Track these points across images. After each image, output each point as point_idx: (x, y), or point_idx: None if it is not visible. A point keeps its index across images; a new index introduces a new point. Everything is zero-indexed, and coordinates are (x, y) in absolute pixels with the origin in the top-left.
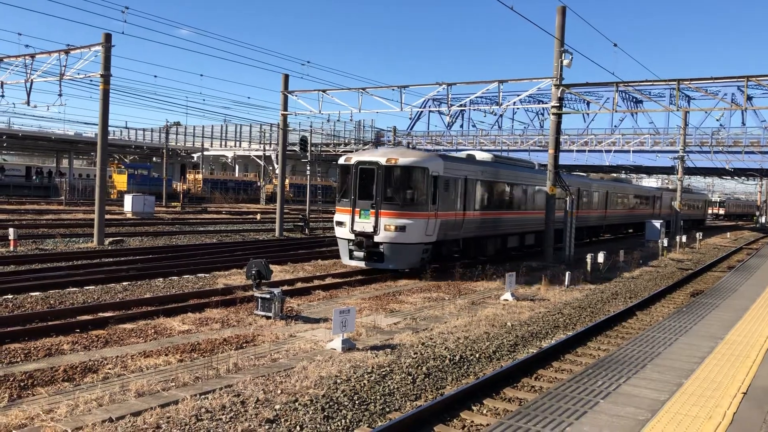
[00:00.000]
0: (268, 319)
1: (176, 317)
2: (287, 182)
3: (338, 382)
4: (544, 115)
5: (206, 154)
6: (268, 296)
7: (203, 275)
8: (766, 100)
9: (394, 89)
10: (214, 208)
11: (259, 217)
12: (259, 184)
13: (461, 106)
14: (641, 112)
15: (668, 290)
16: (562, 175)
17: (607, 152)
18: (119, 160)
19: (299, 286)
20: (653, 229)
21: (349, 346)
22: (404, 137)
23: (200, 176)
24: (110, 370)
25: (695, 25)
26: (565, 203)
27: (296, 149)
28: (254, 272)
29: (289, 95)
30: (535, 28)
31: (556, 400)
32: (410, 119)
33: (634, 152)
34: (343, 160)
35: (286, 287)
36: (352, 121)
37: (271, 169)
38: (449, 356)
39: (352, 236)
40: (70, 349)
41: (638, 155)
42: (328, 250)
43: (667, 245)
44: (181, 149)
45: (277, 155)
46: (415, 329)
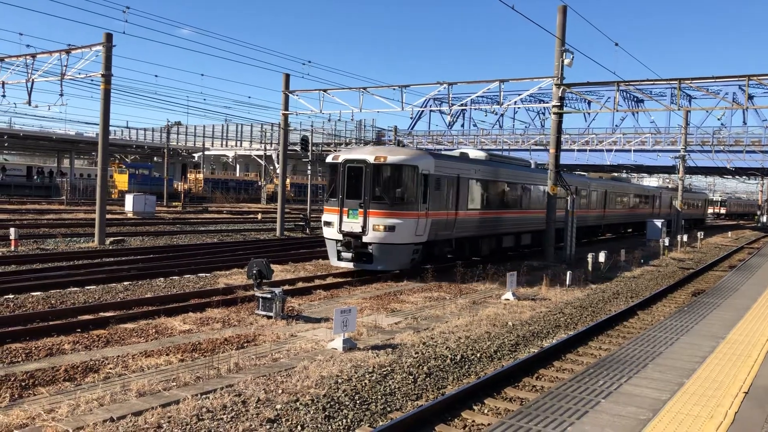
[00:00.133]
0: (269, 318)
1: (177, 317)
2: (288, 182)
3: (339, 381)
4: (545, 114)
5: (207, 153)
6: (269, 296)
7: (204, 275)
8: (767, 99)
9: (395, 89)
10: (215, 207)
11: (260, 216)
12: (260, 183)
13: (462, 105)
14: (642, 111)
15: (669, 289)
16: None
17: (608, 151)
18: (120, 159)
19: (300, 285)
20: (654, 228)
21: (350, 345)
22: (405, 137)
23: (201, 176)
24: (111, 369)
25: (696, 24)
26: (566, 203)
27: (297, 149)
28: (255, 272)
29: (290, 95)
30: (536, 27)
31: (557, 399)
32: (411, 119)
33: (635, 152)
34: (330, 158)
35: (287, 287)
36: (353, 120)
37: (272, 168)
38: (450, 356)
39: (340, 237)
40: (71, 348)
41: (639, 154)
42: None
43: (668, 244)
44: (182, 149)
45: (278, 155)
46: (416, 329)
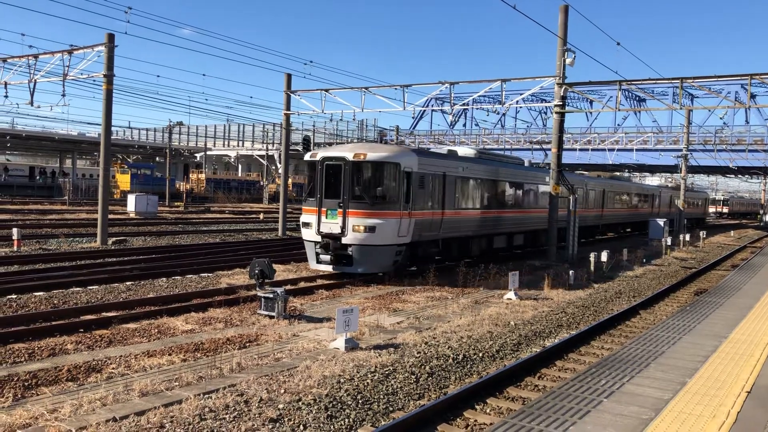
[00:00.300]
0: (271, 318)
1: (179, 317)
2: (290, 182)
3: (341, 381)
4: (547, 113)
5: (209, 153)
6: (271, 296)
7: (206, 275)
8: None
9: (396, 88)
10: (217, 207)
11: (262, 216)
12: (261, 183)
13: (464, 105)
14: (644, 110)
15: (672, 289)
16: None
17: (610, 151)
18: (122, 160)
19: (302, 285)
20: (657, 227)
21: (352, 345)
22: (407, 136)
23: (203, 176)
24: (114, 369)
25: (698, 23)
26: (568, 202)
27: (299, 149)
28: (257, 272)
29: (291, 95)
30: (537, 26)
31: (559, 399)
32: (413, 118)
33: (637, 151)
34: (308, 156)
35: (289, 287)
36: (354, 120)
37: (273, 168)
38: (452, 355)
39: (318, 238)
40: (73, 348)
41: (641, 154)
42: None
43: (670, 244)
44: (184, 149)
45: (279, 155)
46: (418, 328)
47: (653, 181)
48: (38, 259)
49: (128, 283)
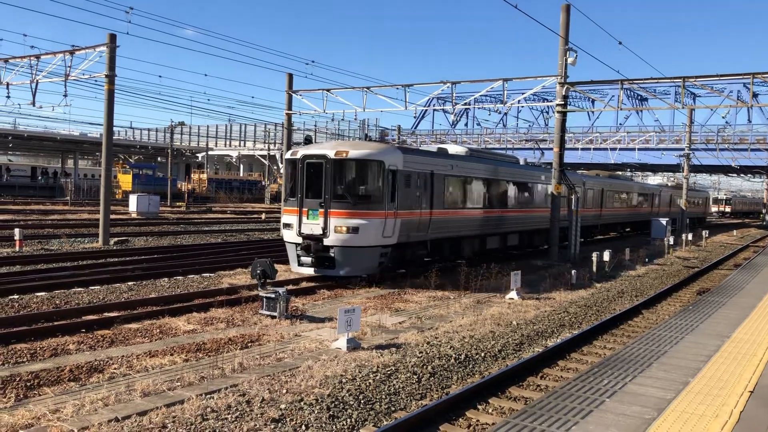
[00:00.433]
0: (273, 318)
1: (181, 317)
2: None
3: (343, 381)
4: (548, 113)
5: (211, 153)
6: (273, 296)
7: (208, 275)
8: None
9: (398, 88)
10: (218, 207)
11: (263, 216)
12: (263, 183)
13: (466, 104)
14: (646, 109)
15: (674, 288)
16: (551, 171)
17: (612, 150)
18: (124, 160)
19: (304, 285)
20: (659, 226)
21: (354, 345)
22: (409, 136)
23: (205, 176)
24: (116, 369)
25: (700, 22)
26: (570, 202)
27: None
28: (259, 272)
29: (293, 95)
30: (539, 26)
31: (562, 399)
32: (415, 118)
33: (639, 150)
34: (289, 154)
35: (290, 287)
36: (356, 120)
37: (275, 168)
38: (454, 355)
39: (299, 240)
40: (75, 349)
41: (643, 153)
42: None
43: (672, 243)
44: (185, 149)
45: (281, 155)
46: (420, 328)
47: (655, 180)
48: (40, 259)
49: (130, 283)
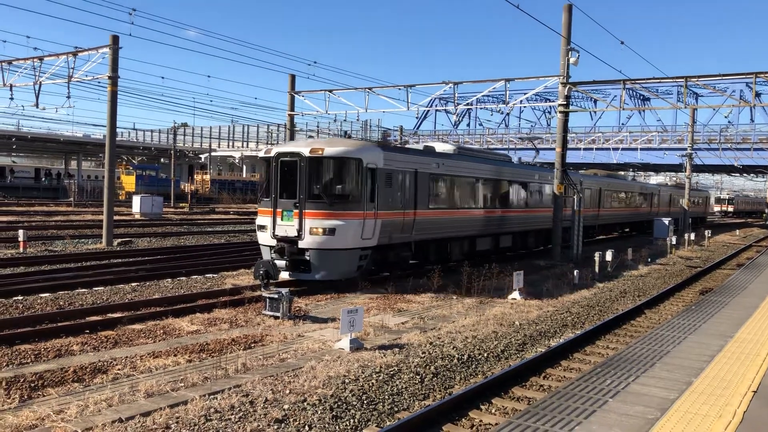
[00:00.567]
0: (276, 319)
1: (185, 318)
2: None
3: (346, 381)
4: (551, 113)
5: (214, 154)
6: (276, 296)
7: (211, 275)
8: None
9: (400, 89)
10: (221, 208)
11: None
12: None
13: (468, 104)
14: (649, 109)
15: (677, 288)
16: (545, 170)
17: (614, 150)
18: (127, 161)
19: (307, 286)
20: (661, 226)
21: (357, 345)
22: (411, 136)
23: (208, 177)
24: (120, 370)
25: (702, 21)
26: (572, 202)
27: None
28: (262, 272)
29: (296, 95)
30: (541, 26)
31: (564, 399)
32: (417, 118)
33: (641, 150)
34: (263, 152)
35: (294, 287)
36: (358, 121)
37: None
38: (457, 355)
39: (274, 242)
40: (79, 350)
41: (646, 153)
42: None
43: (675, 243)
44: (188, 150)
45: None
46: (423, 328)
47: (657, 180)
48: (44, 260)
49: (133, 284)
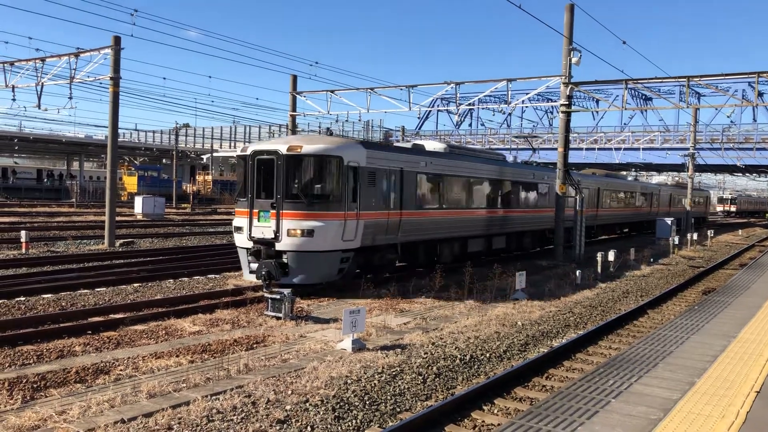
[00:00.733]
0: (278, 319)
1: (187, 318)
2: None
3: (349, 382)
4: (553, 113)
5: (215, 155)
6: (278, 297)
7: (213, 276)
8: None
9: (402, 89)
10: (223, 209)
11: None
12: None
13: (470, 105)
14: (651, 109)
15: (680, 288)
16: (541, 169)
17: (617, 150)
18: (129, 162)
19: None
20: (664, 226)
21: (359, 346)
22: (413, 137)
23: (210, 177)
24: (122, 371)
25: (703, 20)
26: (574, 201)
27: None
28: (264, 273)
29: (297, 96)
30: (543, 26)
31: (567, 399)
32: (419, 119)
33: (644, 150)
34: (239, 150)
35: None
36: (360, 121)
37: None
38: (459, 356)
39: (250, 244)
40: (81, 350)
41: (648, 153)
42: None
43: (678, 243)
44: (190, 151)
45: None
46: (425, 329)
47: (659, 180)
48: (46, 261)
49: (136, 284)
